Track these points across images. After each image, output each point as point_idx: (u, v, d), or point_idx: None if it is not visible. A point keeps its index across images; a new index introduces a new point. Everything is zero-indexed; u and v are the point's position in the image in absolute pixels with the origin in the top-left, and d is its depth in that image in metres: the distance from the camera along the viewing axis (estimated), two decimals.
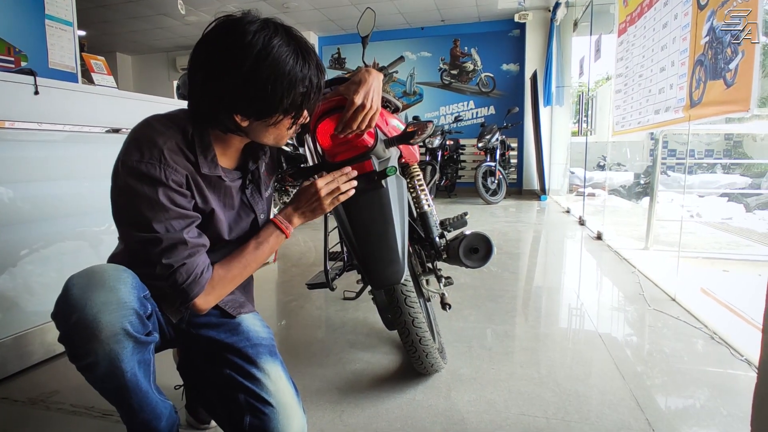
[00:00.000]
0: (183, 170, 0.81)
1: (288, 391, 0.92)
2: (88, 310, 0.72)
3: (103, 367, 0.74)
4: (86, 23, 6.54)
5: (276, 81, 0.78)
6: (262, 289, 2.45)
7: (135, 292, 0.77)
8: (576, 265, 2.92)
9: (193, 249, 0.82)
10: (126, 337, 0.74)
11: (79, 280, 0.76)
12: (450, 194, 6.98)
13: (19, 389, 1.36)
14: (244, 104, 0.80)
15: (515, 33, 7.19)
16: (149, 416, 0.86)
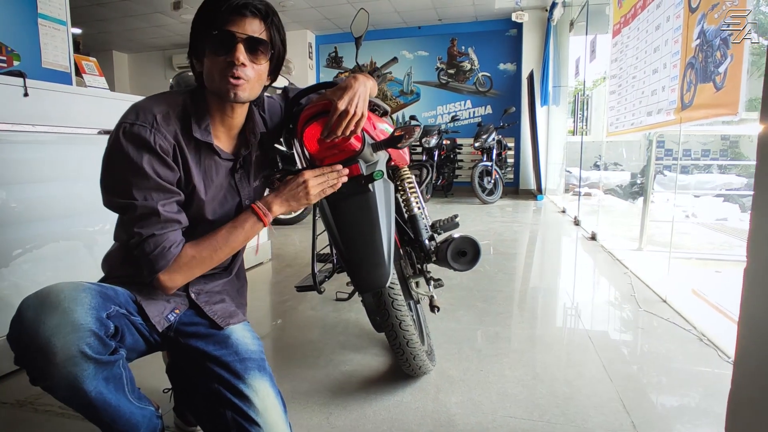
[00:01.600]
0: (171, 138, 0.85)
1: (276, 409, 0.90)
2: (41, 333, 0.71)
3: (63, 390, 0.74)
4: (81, 21, 6.53)
5: (200, 10, 0.87)
6: (256, 289, 2.46)
7: (92, 312, 0.76)
8: (569, 266, 2.93)
9: (166, 223, 0.84)
10: (84, 359, 0.73)
11: (33, 301, 0.75)
12: (447, 194, 6.99)
13: (8, 391, 1.36)
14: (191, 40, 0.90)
15: (512, 32, 7.20)
16: (124, 427, 0.85)
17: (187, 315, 0.97)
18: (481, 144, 6.08)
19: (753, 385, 0.65)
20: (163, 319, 0.93)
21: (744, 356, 0.67)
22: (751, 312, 0.65)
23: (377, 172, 1.11)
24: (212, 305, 1.00)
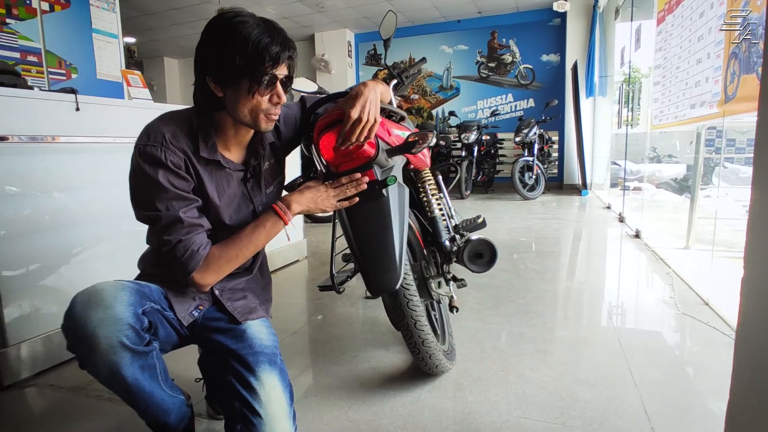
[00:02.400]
0: (181, 154, 0.92)
1: (279, 402, 0.95)
2: (88, 326, 0.81)
3: (105, 374, 0.84)
4: (134, 31, 6.96)
5: (233, 40, 0.89)
6: (291, 286, 2.57)
7: (131, 308, 0.85)
8: (607, 266, 2.85)
9: (190, 228, 0.92)
10: (123, 348, 0.83)
11: (82, 298, 0.85)
12: (487, 190, 6.90)
13: (64, 377, 1.52)
14: (210, 64, 0.92)
15: (556, 22, 6.97)
16: (156, 412, 0.95)
17: (210, 311, 1.06)
18: (521, 139, 5.95)
19: (751, 394, 0.64)
20: (188, 315, 1.01)
21: (741, 366, 0.66)
22: (749, 320, 0.64)
23: (391, 177, 1.14)
24: (234, 301, 1.07)
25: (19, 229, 1.47)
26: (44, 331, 1.55)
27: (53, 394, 1.44)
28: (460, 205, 5.64)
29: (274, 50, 0.91)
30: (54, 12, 2.84)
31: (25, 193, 1.49)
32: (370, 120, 1.08)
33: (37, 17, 2.77)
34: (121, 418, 1.29)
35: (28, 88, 1.53)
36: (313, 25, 7.37)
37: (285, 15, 6.75)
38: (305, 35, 7.95)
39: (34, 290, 1.53)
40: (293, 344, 1.75)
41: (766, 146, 0.62)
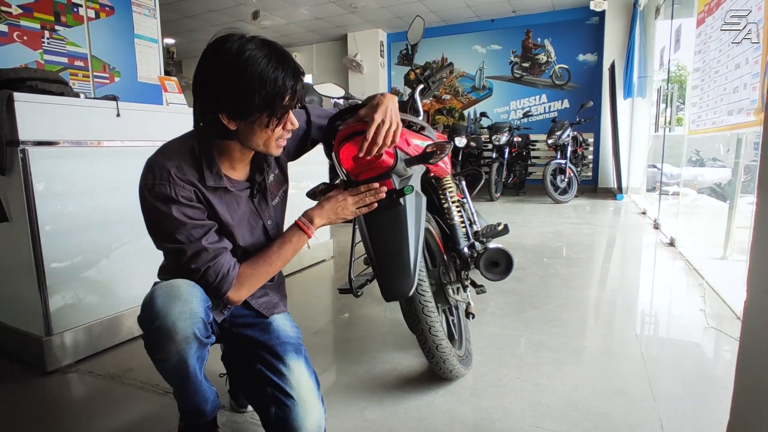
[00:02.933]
0: (189, 186, 0.94)
1: (309, 386, 1.03)
2: (168, 317, 0.87)
3: (173, 362, 0.91)
4: (174, 32, 7.25)
5: (248, 78, 0.88)
6: (316, 285, 2.63)
7: (203, 303, 0.92)
8: (635, 275, 2.78)
9: (214, 252, 0.96)
10: (194, 340, 0.90)
11: (162, 291, 0.90)
12: (518, 192, 6.81)
13: (102, 365, 1.63)
14: (224, 101, 0.90)
15: (593, 21, 6.78)
16: (200, 400, 1.04)
17: (237, 309, 1.12)
18: (554, 141, 5.84)
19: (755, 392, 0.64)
20: (219, 313, 1.08)
21: (745, 362, 0.66)
22: (755, 314, 0.64)
23: (408, 187, 1.18)
24: (257, 299, 1.14)
25: (65, 225, 1.59)
26: (85, 321, 1.67)
27: (92, 380, 1.54)
28: (490, 207, 5.60)
29: (290, 85, 0.91)
30: (99, 19, 3.01)
31: (71, 192, 1.60)
32: (393, 124, 1.11)
33: (83, 24, 2.95)
34: (151, 405, 1.38)
35: (74, 96, 1.64)
36: (345, 25, 7.46)
37: (318, 15, 6.86)
38: (338, 35, 8.05)
39: (77, 282, 1.64)
40: (315, 343, 1.81)
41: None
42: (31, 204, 1.48)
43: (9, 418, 1.34)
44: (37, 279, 1.52)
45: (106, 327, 1.73)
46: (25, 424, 1.31)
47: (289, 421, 0.97)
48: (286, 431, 0.98)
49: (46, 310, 1.54)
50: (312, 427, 0.99)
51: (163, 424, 1.24)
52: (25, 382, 1.53)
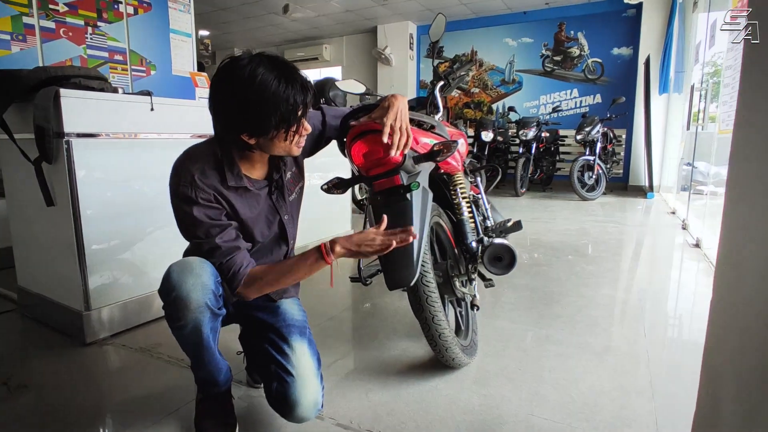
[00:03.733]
0: (210, 189, 1.04)
1: (309, 365, 1.12)
2: (183, 288, 0.98)
3: (189, 329, 1.02)
4: (208, 25, 7.47)
5: (263, 103, 0.96)
6: (337, 275, 2.73)
7: (213, 278, 1.03)
8: (654, 275, 2.76)
9: (228, 251, 1.06)
10: (207, 309, 1.01)
11: (176, 267, 1.02)
12: (545, 188, 6.73)
13: (134, 340, 1.77)
14: (243, 125, 0.99)
15: (630, 13, 6.59)
16: (213, 369, 1.15)
17: None
18: (583, 137, 5.74)
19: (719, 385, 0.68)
20: (232, 295, 1.18)
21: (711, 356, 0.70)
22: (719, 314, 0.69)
23: (414, 183, 1.25)
24: None
25: (103, 210, 1.73)
26: (121, 298, 1.81)
27: (125, 352, 1.69)
28: (514, 203, 5.57)
29: (300, 100, 1.00)
30: (138, 15, 3.17)
31: (109, 180, 1.74)
32: (403, 124, 1.20)
33: (123, 20, 3.12)
34: (176, 377, 1.50)
35: (113, 91, 1.77)
36: (376, 17, 7.50)
37: (349, 8, 6.92)
38: (368, 27, 8.10)
39: (114, 263, 1.79)
40: (329, 328, 1.90)
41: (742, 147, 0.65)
42: (73, 190, 1.62)
43: (53, 383, 1.50)
44: (78, 259, 1.67)
45: (138, 305, 1.87)
46: (67, 389, 1.46)
47: (288, 395, 1.08)
48: (286, 404, 1.09)
49: (86, 288, 1.70)
50: (308, 402, 1.09)
51: (186, 395, 1.37)
52: (66, 352, 1.69)
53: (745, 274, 0.55)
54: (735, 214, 0.64)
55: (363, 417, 1.28)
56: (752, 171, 0.58)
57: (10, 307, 2.11)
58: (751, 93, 0.63)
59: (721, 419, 0.62)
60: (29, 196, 1.77)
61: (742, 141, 0.64)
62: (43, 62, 2.85)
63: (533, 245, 3.36)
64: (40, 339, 1.81)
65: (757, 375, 0.47)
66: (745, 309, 0.53)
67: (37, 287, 1.92)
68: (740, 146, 0.64)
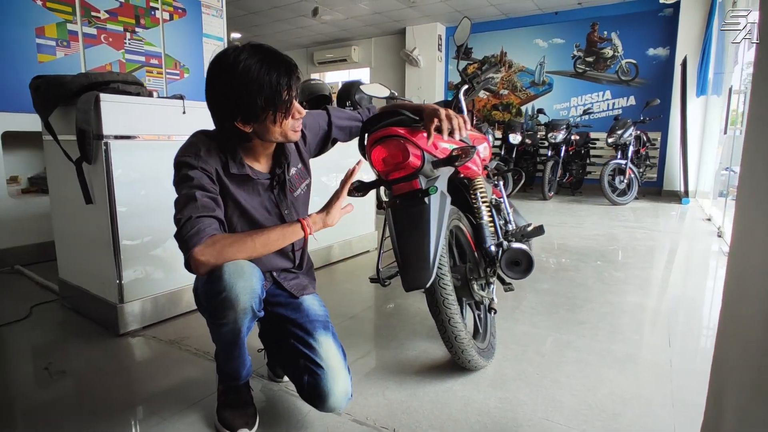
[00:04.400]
0: (212, 166, 1.09)
1: (336, 357, 1.17)
2: (234, 290, 1.00)
3: (230, 327, 1.06)
4: (240, 27, 7.67)
5: (247, 86, 1.01)
6: (358, 274, 2.77)
7: (260, 282, 1.06)
8: (683, 283, 2.68)
9: (202, 208, 1.03)
10: (250, 311, 1.05)
11: (229, 268, 1.01)
12: (574, 192, 6.60)
13: (164, 332, 1.86)
14: (234, 112, 1.04)
15: (667, 12, 6.39)
16: (239, 364, 1.20)
17: (272, 289, 1.29)
18: (614, 140, 5.60)
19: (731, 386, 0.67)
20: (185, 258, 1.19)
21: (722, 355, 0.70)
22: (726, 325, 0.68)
23: (432, 187, 1.27)
24: (289, 281, 1.30)
25: (138, 209, 1.82)
26: (152, 293, 1.90)
27: (155, 344, 1.77)
28: (541, 206, 5.50)
29: (284, 82, 1.04)
30: (173, 21, 3.30)
31: (144, 180, 1.83)
32: (449, 114, 1.29)
33: (159, 26, 3.25)
34: (202, 368, 1.57)
35: (148, 95, 1.86)
36: (404, 19, 7.52)
37: (377, 10, 6.97)
38: (396, 29, 8.13)
39: (146, 259, 1.88)
40: (350, 327, 1.94)
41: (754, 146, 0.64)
42: (110, 189, 1.72)
43: (89, 370, 1.59)
44: (114, 254, 1.76)
45: (169, 299, 1.96)
46: (101, 375, 1.55)
47: (321, 387, 1.12)
48: (318, 396, 1.13)
49: (120, 281, 1.79)
50: (340, 392, 1.13)
51: (211, 386, 1.42)
52: (101, 341, 1.79)
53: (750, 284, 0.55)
54: (745, 219, 0.64)
55: (379, 414, 1.31)
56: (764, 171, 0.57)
57: (51, 297, 2.25)
58: (762, 91, 0.63)
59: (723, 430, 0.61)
60: (70, 194, 1.88)
61: (755, 139, 0.63)
62: (85, 67, 3.00)
63: (559, 250, 3.31)
64: (78, 328, 1.92)
65: (753, 388, 0.47)
66: (748, 320, 0.53)
67: (76, 280, 2.04)
68: (752, 144, 0.64)
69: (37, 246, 2.82)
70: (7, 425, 1.29)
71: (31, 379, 1.55)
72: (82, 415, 1.33)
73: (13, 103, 2.66)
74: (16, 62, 2.72)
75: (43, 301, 2.20)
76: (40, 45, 2.83)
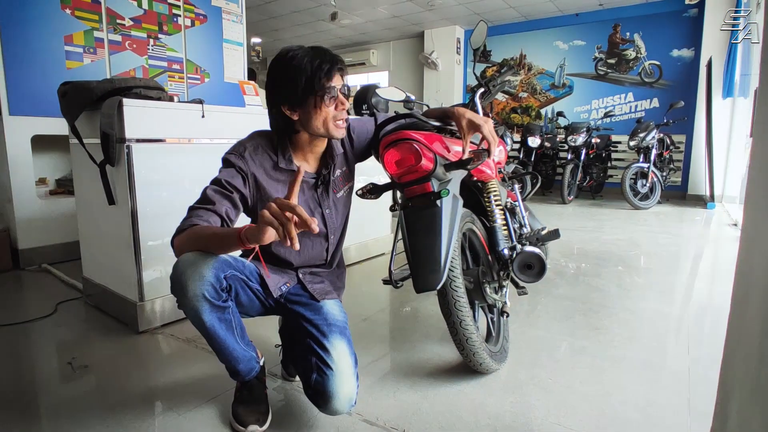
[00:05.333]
0: (254, 166, 1.19)
1: (347, 362, 1.18)
2: (182, 277, 1.04)
3: (191, 315, 1.08)
4: (260, 32, 7.80)
5: (293, 71, 1.12)
6: (372, 277, 2.79)
7: (213, 271, 1.06)
8: (704, 290, 2.61)
9: (202, 201, 1.13)
10: (203, 299, 1.05)
11: (184, 258, 1.06)
12: (595, 196, 6.49)
13: (182, 331, 1.90)
14: (279, 95, 1.15)
15: (692, 13, 6.25)
16: (228, 357, 1.19)
17: (295, 288, 1.31)
18: (637, 143, 5.50)
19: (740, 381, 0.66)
20: (278, 288, 1.27)
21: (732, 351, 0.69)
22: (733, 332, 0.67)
23: (444, 190, 1.28)
24: (313, 284, 1.33)
25: (159, 210, 1.87)
26: None
27: (173, 342, 1.82)
28: (560, 210, 5.43)
29: (324, 66, 1.13)
30: (194, 27, 3.39)
31: (165, 182, 1.88)
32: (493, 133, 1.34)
33: (181, 32, 3.34)
34: (217, 367, 1.59)
35: (169, 100, 1.92)
36: (422, 22, 7.54)
37: (396, 14, 7.00)
38: (414, 33, 8.15)
39: (166, 259, 1.93)
40: (363, 328, 1.96)
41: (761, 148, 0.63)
42: (132, 191, 1.77)
43: (110, 365, 1.64)
44: (134, 254, 1.82)
45: None
46: (121, 371, 1.60)
47: (327, 387, 1.14)
48: (323, 396, 1.14)
49: (140, 280, 1.84)
50: (344, 396, 1.14)
51: (226, 383, 1.46)
52: (122, 338, 1.84)
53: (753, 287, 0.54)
54: (752, 223, 0.63)
55: (389, 415, 1.32)
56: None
57: (76, 295, 2.32)
58: None
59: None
60: (94, 196, 1.95)
61: (761, 142, 0.63)
62: (110, 73, 3.10)
63: (577, 254, 3.27)
64: (100, 325, 1.99)
65: (752, 391, 0.46)
66: (750, 323, 0.53)
67: (99, 278, 2.10)
68: (759, 148, 0.63)
69: (63, 245, 2.92)
70: (32, 415, 1.34)
71: (56, 372, 1.61)
72: (103, 407, 1.37)
73: (42, 108, 2.77)
74: (46, 69, 2.83)
75: (68, 298, 2.28)
76: (69, 52, 2.94)
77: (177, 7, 3.34)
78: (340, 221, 1.38)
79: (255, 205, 1.22)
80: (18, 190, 2.76)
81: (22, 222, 2.79)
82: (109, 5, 3.07)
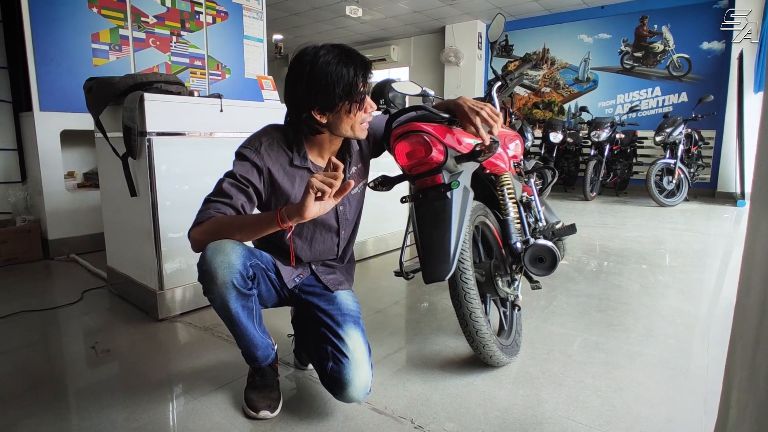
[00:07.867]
0: (269, 160, 1.19)
1: (362, 350, 1.21)
2: (212, 265, 1.08)
3: (217, 302, 1.12)
4: (281, 29, 7.88)
5: (326, 76, 1.11)
6: (386, 271, 2.80)
7: (241, 259, 1.11)
8: (727, 289, 2.53)
9: (218, 194, 1.15)
10: (232, 286, 1.10)
11: (212, 246, 1.09)
12: (618, 192, 6.35)
13: (200, 319, 1.96)
14: (313, 102, 1.13)
15: (722, 4, 6.03)
16: (248, 343, 1.24)
17: (309, 279, 1.34)
18: (663, 138, 5.34)
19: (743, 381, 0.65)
20: (291, 279, 1.30)
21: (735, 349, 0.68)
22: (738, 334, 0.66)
23: (454, 182, 1.28)
24: (326, 275, 1.36)
25: (179, 202, 1.92)
26: (190, 281, 2.01)
27: (191, 330, 1.87)
28: (582, 207, 5.33)
29: (360, 74, 1.14)
30: (216, 24, 3.46)
31: (185, 175, 1.94)
32: (489, 112, 1.30)
33: (203, 29, 3.41)
34: (233, 354, 1.64)
35: (189, 94, 1.97)
36: (443, 17, 7.48)
37: (417, 9, 6.97)
38: (435, 28, 8.10)
39: (186, 250, 1.96)
40: (376, 320, 1.97)
41: None
42: (153, 183, 1.83)
43: (131, 350, 1.70)
44: (155, 244, 1.87)
45: None
46: (141, 356, 1.66)
47: (343, 375, 1.17)
48: (339, 383, 1.17)
49: (160, 270, 1.90)
50: (360, 384, 1.17)
51: (240, 370, 1.49)
52: (143, 325, 1.91)
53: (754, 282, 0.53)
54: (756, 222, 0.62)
55: (398, 405, 1.34)
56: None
57: (101, 284, 2.41)
58: None
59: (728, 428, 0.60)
60: (118, 188, 2.02)
61: None
62: (134, 69, 3.19)
63: (597, 251, 3.21)
64: (123, 312, 2.06)
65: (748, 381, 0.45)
66: (751, 312, 0.52)
67: (122, 268, 2.18)
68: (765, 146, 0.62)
69: (90, 236, 3.04)
70: (58, 394, 1.41)
71: (80, 356, 1.68)
72: (123, 389, 1.43)
73: (71, 103, 2.87)
74: (74, 66, 2.93)
75: (93, 287, 2.37)
76: (95, 50, 3.03)
77: (199, 4, 3.41)
78: (353, 217, 1.40)
79: (269, 199, 1.25)
80: (48, 183, 2.88)
81: (51, 214, 2.91)
82: (134, 3, 3.16)
